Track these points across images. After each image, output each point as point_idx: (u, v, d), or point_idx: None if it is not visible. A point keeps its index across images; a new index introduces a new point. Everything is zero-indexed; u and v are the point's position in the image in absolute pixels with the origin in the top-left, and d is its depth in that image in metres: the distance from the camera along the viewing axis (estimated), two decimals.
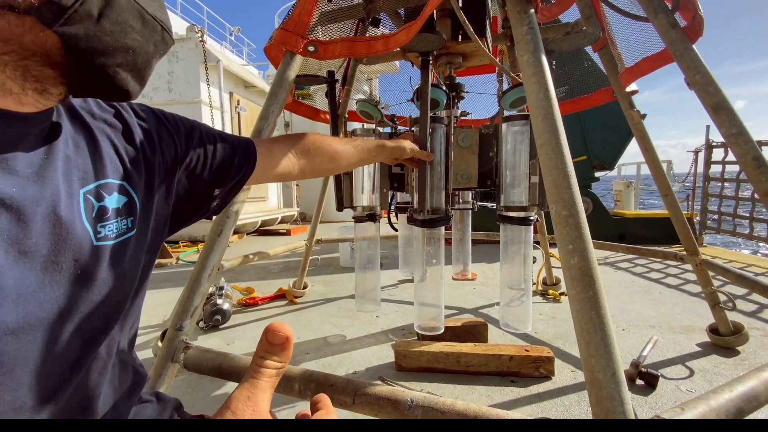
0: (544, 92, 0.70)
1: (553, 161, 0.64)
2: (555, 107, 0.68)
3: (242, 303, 2.48)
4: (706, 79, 1.01)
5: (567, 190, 0.62)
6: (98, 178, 0.43)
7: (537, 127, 0.69)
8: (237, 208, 1.01)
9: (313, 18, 1.05)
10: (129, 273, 0.45)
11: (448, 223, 1.25)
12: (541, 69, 0.72)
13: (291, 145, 0.76)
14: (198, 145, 0.57)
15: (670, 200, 1.67)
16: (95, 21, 0.35)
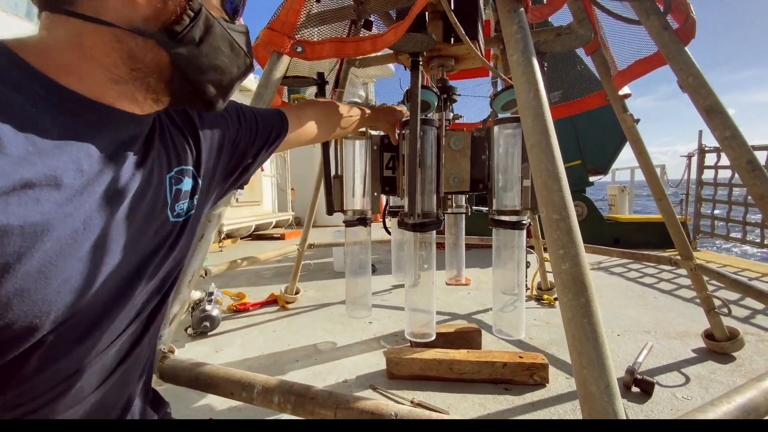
0: (534, 92, 0.67)
1: (543, 163, 0.62)
2: (545, 108, 0.66)
3: (233, 309, 2.43)
4: (699, 82, 1.00)
5: (558, 193, 0.59)
6: (178, 164, 0.54)
7: (527, 128, 0.66)
8: (220, 211, 0.98)
9: (301, 18, 1.03)
10: (188, 247, 0.57)
11: (440, 227, 1.23)
12: (531, 69, 0.70)
13: (315, 111, 0.89)
14: (243, 124, 0.67)
15: (665, 205, 1.66)
16: (196, 45, 0.45)
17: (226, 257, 4.81)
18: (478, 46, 1.40)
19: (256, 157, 0.70)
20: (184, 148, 0.56)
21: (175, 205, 0.53)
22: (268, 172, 7.17)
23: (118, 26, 0.40)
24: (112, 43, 0.41)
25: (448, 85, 1.56)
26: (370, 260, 1.48)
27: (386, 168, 1.50)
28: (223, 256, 4.72)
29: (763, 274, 3.29)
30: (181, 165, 0.55)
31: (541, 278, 2.59)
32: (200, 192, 0.58)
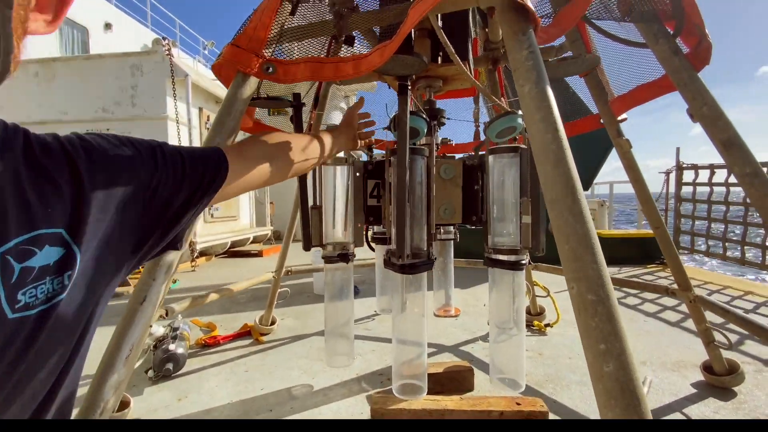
0: (553, 133, 0.55)
1: (570, 225, 0.49)
2: (567, 152, 0.54)
3: (201, 343, 2.22)
4: (715, 112, 0.91)
5: (593, 266, 0.47)
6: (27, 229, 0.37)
7: (546, 177, 0.54)
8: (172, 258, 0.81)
9: (272, 32, 0.89)
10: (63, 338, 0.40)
11: (431, 268, 1.09)
12: (548, 103, 0.57)
13: (264, 147, 0.70)
14: (162, 167, 0.49)
15: (662, 233, 1.58)
16: None
17: (200, 277, 4.56)
18: (468, 66, 1.30)
19: (185, 209, 0.52)
20: (48, 202, 0.39)
21: (18, 293, 0.36)
22: None
23: None
24: None
25: (436, 108, 1.44)
26: (353, 303, 1.32)
27: (370, 196, 1.36)
28: (196, 276, 4.46)
29: (745, 291, 3.30)
30: (34, 229, 0.37)
31: (530, 303, 2.49)
32: (80, 265, 0.41)
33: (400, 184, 0.98)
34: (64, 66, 5.01)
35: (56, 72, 4.99)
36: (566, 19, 0.78)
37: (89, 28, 8.08)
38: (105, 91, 4.92)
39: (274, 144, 0.72)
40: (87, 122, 4.94)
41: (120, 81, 4.90)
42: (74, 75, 4.97)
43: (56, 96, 4.97)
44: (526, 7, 0.63)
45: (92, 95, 4.92)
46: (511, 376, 1.15)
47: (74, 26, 7.75)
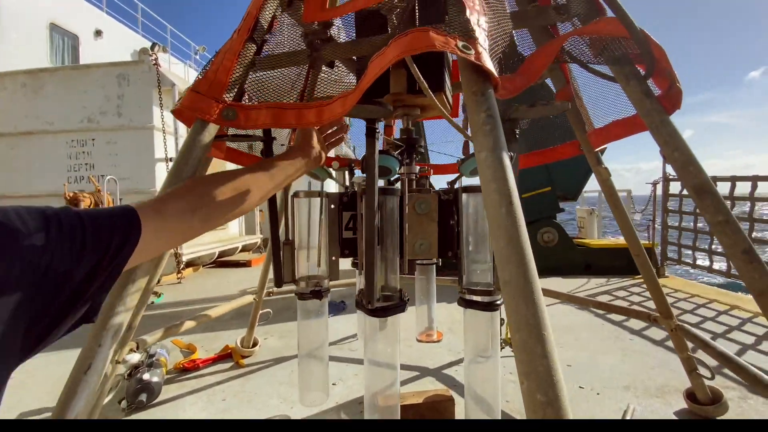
0: (507, 207, 0.53)
1: (521, 312, 0.47)
2: (521, 229, 0.51)
3: (179, 368, 2.17)
4: (686, 158, 0.90)
5: (543, 361, 0.45)
6: None
7: (500, 255, 0.52)
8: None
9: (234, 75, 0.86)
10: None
11: (404, 311, 1.06)
12: (503, 174, 0.55)
13: (187, 195, 0.63)
14: (56, 236, 0.43)
15: (642, 261, 1.57)
16: None
17: (186, 290, 4.49)
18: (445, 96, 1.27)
19: (90, 281, 0.46)
20: None
21: None
22: None
23: None
24: None
25: (413, 137, 1.42)
26: (327, 341, 1.29)
27: (346, 228, 1.33)
28: (181, 289, 4.40)
29: (732, 306, 3.31)
30: None
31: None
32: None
33: (369, 227, 0.96)
34: (50, 76, 4.95)
35: (43, 82, 4.93)
36: (531, 70, 0.76)
37: (79, 35, 8.00)
38: (91, 101, 4.87)
39: (202, 192, 0.65)
40: (73, 132, 4.88)
41: (106, 91, 4.85)
42: (61, 85, 4.91)
43: (43, 106, 4.91)
44: (484, 68, 0.61)
45: (78, 105, 4.87)
46: (488, 402, 1.12)
47: (64, 33, 7.67)
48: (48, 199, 4.75)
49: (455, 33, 0.64)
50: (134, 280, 0.83)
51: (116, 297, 0.81)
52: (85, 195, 3.84)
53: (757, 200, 3.58)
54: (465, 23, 0.67)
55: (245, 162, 1.57)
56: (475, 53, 0.62)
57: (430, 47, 0.60)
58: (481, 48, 0.63)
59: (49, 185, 4.75)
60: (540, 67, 0.77)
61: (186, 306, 3.76)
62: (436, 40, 0.61)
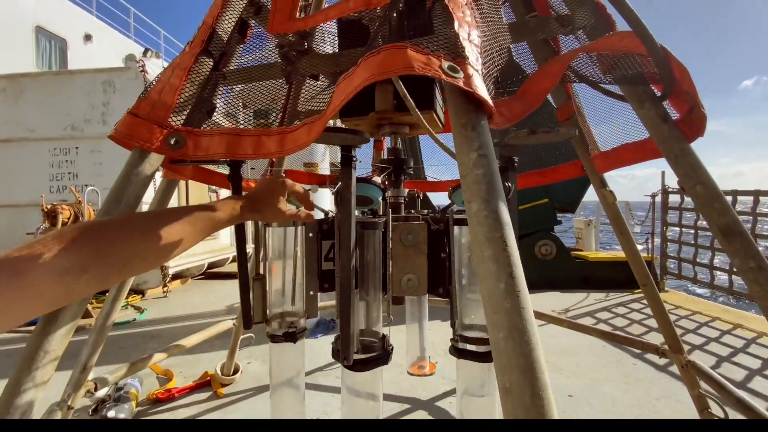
0: (507, 281, 0.40)
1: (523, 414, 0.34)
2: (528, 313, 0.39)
3: (153, 398, 2.01)
4: (711, 193, 0.77)
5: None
6: None
7: (497, 350, 0.39)
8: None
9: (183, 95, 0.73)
10: None
11: (387, 363, 0.93)
12: (501, 233, 0.42)
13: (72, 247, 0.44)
14: None
15: (650, 290, 1.45)
16: None
17: (171, 305, 4.31)
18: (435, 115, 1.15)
19: None
20: None
21: None
22: None
23: None
24: None
25: (402, 158, 1.30)
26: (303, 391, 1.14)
27: (325, 259, 1.20)
28: (166, 304, 4.23)
29: (735, 324, 3.20)
30: None
31: None
32: None
33: (345, 272, 0.83)
34: (32, 81, 4.80)
35: (24, 88, 4.77)
36: (533, 93, 0.64)
37: (68, 39, 7.85)
38: (75, 108, 4.71)
39: (97, 239, 0.47)
40: (55, 140, 4.71)
41: (91, 98, 4.70)
42: (43, 91, 4.75)
43: (24, 113, 4.75)
44: (476, 95, 0.48)
45: (61, 112, 4.71)
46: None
47: (51, 37, 7.52)
48: (28, 209, 4.58)
49: (440, 51, 0.52)
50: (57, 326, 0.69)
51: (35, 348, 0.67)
52: (65, 207, 3.68)
53: (760, 216, 3.49)
54: (453, 39, 0.54)
55: (217, 182, 1.43)
56: (465, 77, 0.49)
57: (407, 69, 0.47)
58: (471, 70, 0.51)
59: (30, 195, 4.58)
60: (543, 90, 0.65)
61: (170, 323, 3.59)
62: (415, 61, 0.48)
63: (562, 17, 0.92)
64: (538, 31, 0.93)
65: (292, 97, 1.44)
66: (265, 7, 0.95)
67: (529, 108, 0.63)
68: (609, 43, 0.72)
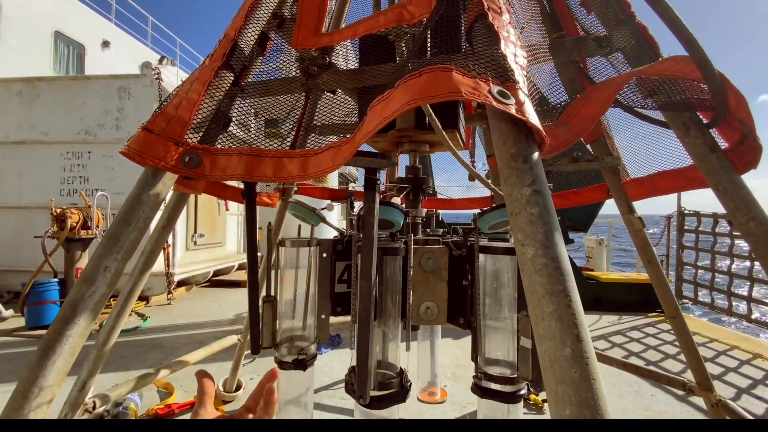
0: (573, 346, 0.34)
1: None
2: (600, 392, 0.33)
3: (152, 414, 1.95)
4: (766, 230, 0.71)
5: None
6: None
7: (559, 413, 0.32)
8: None
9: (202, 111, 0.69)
10: None
11: (404, 401, 0.87)
12: (564, 287, 0.37)
13: None
14: None
15: (679, 323, 1.38)
16: None
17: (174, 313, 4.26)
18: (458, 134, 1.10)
19: None
20: None
21: None
22: (234, 211, 6.70)
23: None
24: None
25: (421, 177, 1.25)
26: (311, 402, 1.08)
27: (339, 281, 1.14)
28: (170, 312, 4.18)
29: (754, 354, 3.08)
30: None
31: None
32: None
33: (364, 302, 0.77)
34: (48, 86, 4.85)
35: (40, 91, 4.82)
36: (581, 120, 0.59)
37: (86, 45, 7.99)
38: (89, 112, 4.75)
39: None
40: (68, 143, 4.75)
41: (105, 103, 4.74)
42: (58, 95, 4.81)
43: (38, 116, 4.80)
44: (529, 124, 0.43)
45: (76, 116, 4.75)
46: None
47: (70, 42, 7.66)
48: (39, 212, 4.59)
49: (487, 74, 0.47)
50: (62, 344, 0.64)
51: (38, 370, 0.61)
52: (74, 211, 3.67)
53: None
54: (500, 60, 0.49)
55: (230, 196, 1.39)
56: (516, 103, 0.44)
57: (453, 95, 0.42)
58: (522, 95, 0.46)
59: (41, 197, 4.60)
60: (593, 116, 0.60)
61: (173, 332, 3.54)
62: (462, 86, 0.43)
63: (600, 38, 0.87)
64: (574, 51, 0.88)
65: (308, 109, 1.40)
66: (288, 20, 0.92)
67: (576, 136, 0.58)
68: (663, 67, 0.67)
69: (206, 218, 5.64)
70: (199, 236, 5.44)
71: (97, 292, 0.57)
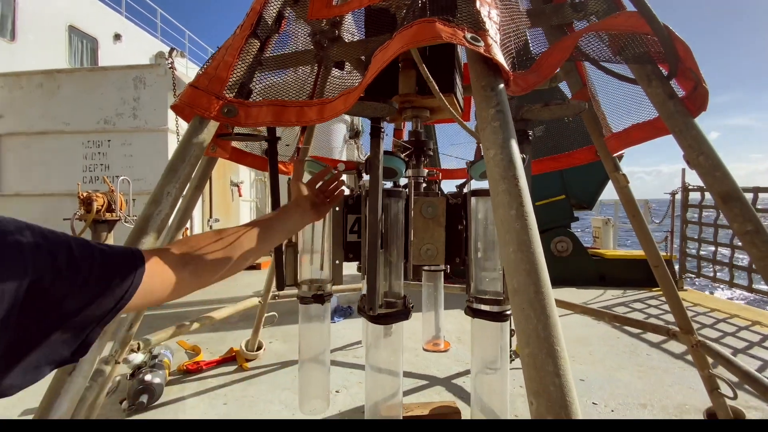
0: (518, 209, 0.49)
1: (532, 323, 0.43)
2: (533, 232, 0.47)
3: (183, 369, 2.15)
4: (712, 163, 0.84)
5: (555, 380, 0.40)
6: None
7: (508, 262, 0.47)
8: None
9: (235, 72, 0.83)
10: None
11: (407, 318, 1.02)
12: (514, 173, 0.51)
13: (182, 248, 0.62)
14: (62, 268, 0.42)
15: (661, 272, 1.50)
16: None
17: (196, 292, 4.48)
18: (455, 98, 1.23)
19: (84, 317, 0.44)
20: None
21: None
22: (247, 197, 6.91)
23: None
24: None
25: (422, 139, 1.38)
26: (329, 348, 1.25)
27: (350, 232, 1.30)
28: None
29: (753, 321, 3.17)
30: None
31: None
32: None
33: (372, 231, 0.92)
34: (67, 77, 5.06)
35: (60, 83, 5.03)
36: (545, 67, 0.72)
37: (98, 39, 8.20)
38: (107, 102, 4.96)
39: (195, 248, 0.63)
40: (88, 133, 4.97)
41: (122, 93, 4.93)
42: (78, 86, 5.01)
43: (59, 107, 5.02)
44: (495, 61, 0.57)
45: (95, 106, 4.96)
46: (495, 414, 1.06)
47: (83, 36, 7.87)
48: (63, 198, 4.83)
49: (464, 24, 0.60)
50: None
51: None
52: (99, 195, 3.89)
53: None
54: (475, 15, 0.63)
55: (250, 163, 1.55)
56: (485, 45, 0.58)
57: (435, 39, 0.56)
58: (491, 40, 0.59)
59: (65, 185, 4.83)
60: (554, 63, 0.73)
61: (194, 307, 3.75)
62: (443, 32, 0.57)
63: (576, 3, 0.99)
64: (554, 16, 1.00)
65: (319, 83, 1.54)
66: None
67: (542, 79, 0.71)
68: (616, 22, 0.79)
69: (221, 204, 5.85)
70: (214, 221, 5.66)
71: (162, 212, 0.73)
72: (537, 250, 0.46)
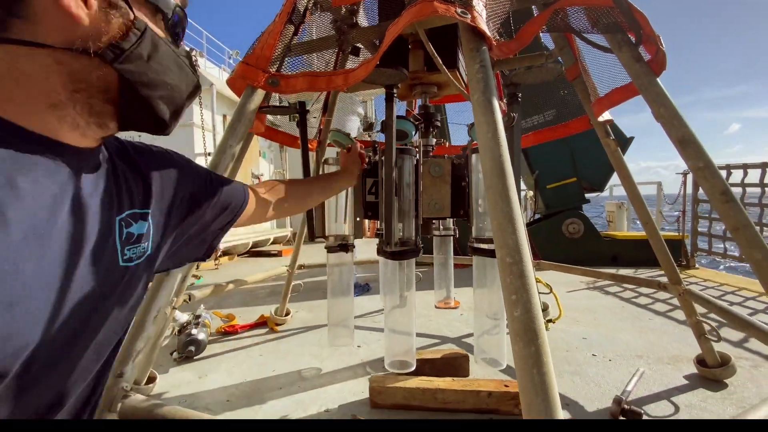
0: (493, 133, 0.68)
1: (499, 206, 0.62)
2: (504, 149, 0.66)
3: (221, 331, 2.41)
4: (671, 113, 1.00)
5: (512, 236, 0.59)
6: (130, 206, 0.52)
7: (485, 169, 0.66)
8: None
9: (276, 52, 1.04)
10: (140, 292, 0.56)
11: (418, 255, 1.22)
12: (491, 108, 0.70)
13: (270, 192, 0.88)
14: (208, 189, 0.66)
15: (650, 228, 1.65)
16: (145, 61, 0.45)
17: (222, 275, 4.80)
18: (458, 74, 1.42)
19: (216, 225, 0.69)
20: (137, 189, 0.54)
21: (126, 249, 0.51)
22: None
23: (56, 47, 0.39)
24: (51, 66, 0.40)
25: (431, 112, 1.57)
26: (352, 285, 1.46)
27: (369, 193, 1.50)
28: (218, 274, 4.70)
29: (760, 293, 3.25)
30: (133, 208, 0.53)
31: None
32: (153, 237, 0.56)
33: (387, 180, 1.12)
34: None
35: None
36: (524, 35, 0.90)
37: None
38: None
39: (278, 189, 0.89)
40: None
41: None
42: None
43: None
44: (478, 29, 0.76)
45: None
46: (493, 356, 1.26)
47: None
48: None
49: (456, 2, 0.79)
50: None
51: None
52: None
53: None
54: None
55: (280, 139, 1.77)
56: (472, 17, 0.77)
57: (433, 13, 0.76)
58: (476, 13, 0.78)
59: None
60: (531, 32, 0.91)
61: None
62: (440, 8, 0.76)
63: None
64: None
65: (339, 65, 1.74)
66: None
67: (521, 45, 0.89)
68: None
69: None
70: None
71: (227, 159, 0.95)
72: (505, 159, 0.65)
